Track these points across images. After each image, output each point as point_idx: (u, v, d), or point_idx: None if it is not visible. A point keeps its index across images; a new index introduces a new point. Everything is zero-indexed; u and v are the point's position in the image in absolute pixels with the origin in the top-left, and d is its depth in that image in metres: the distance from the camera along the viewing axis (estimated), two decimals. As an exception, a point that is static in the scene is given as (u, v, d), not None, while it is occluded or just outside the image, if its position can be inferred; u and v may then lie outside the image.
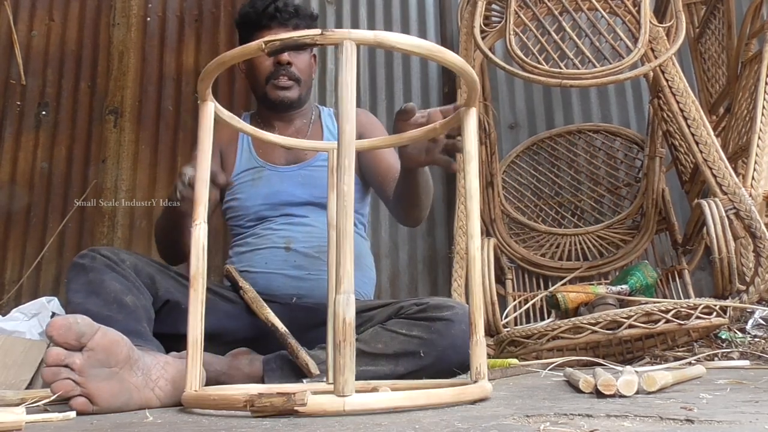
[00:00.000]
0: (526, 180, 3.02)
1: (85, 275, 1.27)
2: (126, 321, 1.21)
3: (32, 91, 3.39)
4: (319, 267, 1.57)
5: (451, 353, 1.31)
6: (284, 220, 1.64)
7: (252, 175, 1.68)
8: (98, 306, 1.22)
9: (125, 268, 1.31)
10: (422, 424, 0.69)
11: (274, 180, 1.66)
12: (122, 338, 0.97)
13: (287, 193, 1.65)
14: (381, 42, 0.84)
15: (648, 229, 2.68)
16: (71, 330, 0.91)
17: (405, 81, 3.25)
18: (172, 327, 1.37)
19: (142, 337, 1.21)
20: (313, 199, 1.64)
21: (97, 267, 1.28)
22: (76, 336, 0.91)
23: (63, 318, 0.92)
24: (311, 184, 1.65)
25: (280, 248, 1.59)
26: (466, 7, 2.61)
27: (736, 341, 1.87)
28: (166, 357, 1.07)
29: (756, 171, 2.02)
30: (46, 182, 3.26)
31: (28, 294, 3.03)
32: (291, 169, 1.68)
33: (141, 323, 1.25)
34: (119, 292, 1.25)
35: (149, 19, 3.47)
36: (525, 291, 2.72)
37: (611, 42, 2.12)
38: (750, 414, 0.69)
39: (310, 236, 1.61)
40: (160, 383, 1.01)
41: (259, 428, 0.70)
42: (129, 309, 1.24)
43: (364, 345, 1.35)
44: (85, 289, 1.25)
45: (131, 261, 1.34)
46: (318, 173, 1.65)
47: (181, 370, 1.03)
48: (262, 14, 1.65)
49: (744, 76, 2.33)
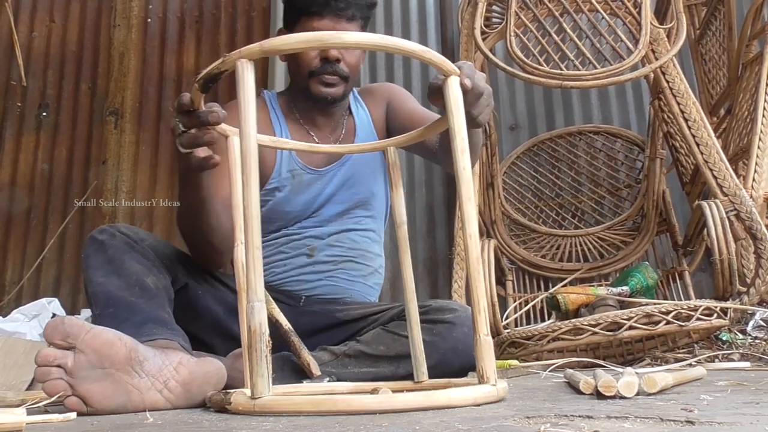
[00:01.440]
0: (527, 181, 3.02)
1: (104, 253, 1.23)
2: (150, 308, 1.18)
3: (33, 92, 3.40)
4: (338, 275, 1.56)
5: (453, 356, 1.30)
6: (312, 222, 1.56)
7: (292, 178, 1.54)
8: (120, 288, 1.18)
9: (145, 247, 1.27)
10: (422, 425, 0.69)
11: (315, 184, 1.55)
12: (119, 338, 0.95)
13: (325, 195, 1.56)
14: (267, 50, 0.85)
15: (648, 231, 2.68)
16: (57, 330, 0.91)
17: (405, 82, 3.25)
18: (188, 311, 1.36)
19: (167, 326, 1.17)
20: (351, 197, 1.57)
21: (116, 245, 1.24)
22: (61, 336, 0.91)
23: (53, 319, 0.93)
24: (351, 182, 1.57)
25: (302, 255, 1.54)
26: (467, 9, 2.61)
27: (737, 343, 1.87)
28: (182, 356, 1.03)
29: (757, 172, 2.01)
30: (47, 183, 3.27)
31: (28, 295, 3.04)
32: (330, 169, 1.57)
33: (165, 308, 1.22)
34: (140, 273, 1.21)
35: (150, 20, 3.48)
36: (525, 292, 2.72)
37: (612, 43, 2.12)
38: (751, 415, 0.69)
39: (331, 244, 1.56)
40: (169, 385, 0.98)
41: (259, 429, 0.70)
42: (152, 292, 1.20)
43: (365, 346, 1.34)
44: (105, 267, 1.21)
45: (150, 241, 1.31)
46: (358, 168, 1.58)
47: (194, 372, 1.01)
48: (314, 0, 1.46)
49: (745, 77, 2.33)
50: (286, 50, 0.88)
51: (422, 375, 1.13)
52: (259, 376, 0.80)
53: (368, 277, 1.63)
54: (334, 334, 1.46)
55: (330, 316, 1.50)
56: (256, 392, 0.80)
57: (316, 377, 1.25)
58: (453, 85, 0.93)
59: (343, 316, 1.50)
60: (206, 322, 1.42)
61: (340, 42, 0.87)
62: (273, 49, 0.86)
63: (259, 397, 0.80)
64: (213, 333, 1.43)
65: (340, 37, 0.87)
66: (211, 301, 1.43)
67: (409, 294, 1.13)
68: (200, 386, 1.01)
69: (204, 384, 1.01)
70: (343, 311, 1.51)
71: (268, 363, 0.80)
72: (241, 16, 3.41)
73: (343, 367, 1.33)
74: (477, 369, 0.88)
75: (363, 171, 1.59)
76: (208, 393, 0.98)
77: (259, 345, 0.80)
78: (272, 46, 0.85)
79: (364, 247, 1.61)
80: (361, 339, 1.37)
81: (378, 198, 1.64)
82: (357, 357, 1.34)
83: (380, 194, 1.64)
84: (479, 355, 0.87)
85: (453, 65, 0.95)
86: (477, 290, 0.89)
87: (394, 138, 1.21)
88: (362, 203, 1.60)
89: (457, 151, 0.92)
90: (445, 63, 0.93)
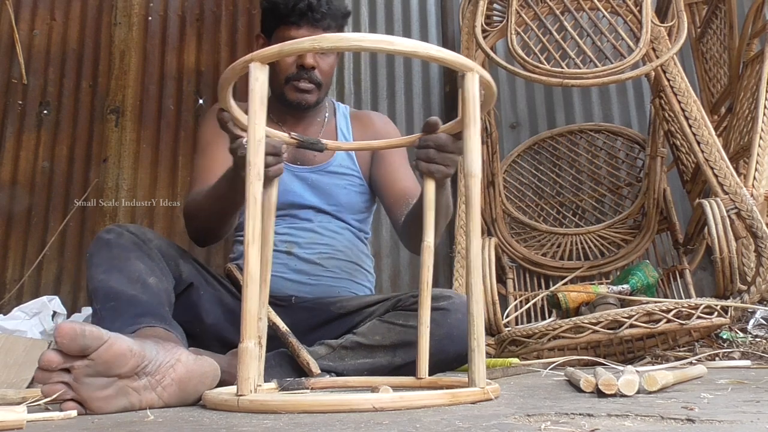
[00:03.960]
0: (528, 179, 3.02)
1: (110, 251, 1.24)
2: (150, 302, 1.19)
3: (34, 90, 3.39)
4: (320, 272, 1.57)
5: (448, 343, 1.31)
6: (288, 222, 1.59)
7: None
8: (122, 284, 1.19)
9: (151, 248, 1.29)
10: (423, 423, 0.69)
11: (283, 179, 1.57)
12: (130, 350, 0.92)
13: (294, 194, 1.60)
14: (286, 52, 0.90)
15: (649, 229, 2.67)
16: (76, 342, 0.87)
17: (406, 80, 3.25)
18: (191, 312, 1.37)
19: (165, 321, 1.18)
20: (321, 205, 1.60)
21: (123, 244, 1.25)
22: (80, 348, 0.88)
23: (71, 326, 0.88)
24: (320, 189, 1.61)
25: (282, 252, 1.57)
26: (468, 7, 2.61)
27: (738, 341, 1.87)
28: (181, 354, 1.02)
29: (757, 171, 2.01)
30: (48, 181, 3.27)
31: (29, 293, 3.03)
32: (300, 169, 1.62)
33: (164, 306, 1.23)
34: (143, 272, 1.23)
35: (150, 18, 3.47)
36: (526, 290, 2.72)
37: (613, 41, 2.12)
38: (751, 414, 0.69)
39: (312, 242, 1.59)
40: (164, 382, 0.97)
41: (260, 427, 0.71)
42: (152, 290, 1.21)
43: (361, 338, 1.35)
44: (108, 264, 1.22)
45: (156, 242, 1.32)
46: (329, 179, 1.62)
47: (191, 371, 1.01)
48: (292, 10, 1.51)
49: (745, 75, 2.33)
50: (309, 50, 0.90)
51: (424, 372, 1.12)
52: (247, 378, 0.84)
53: (355, 274, 1.64)
54: (332, 329, 1.47)
55: (325, 310, 1.51)
56: (242, 390, 0.84)
57: (316, 375, 1.26)
58: (470, 81, 0.96)
59: (338, 309, 1.51)
60: (207, 322, 1.43)
61: (366, 44, 0.89)
62: (292, 51, 0.90)
63: (244, 395, 0.84)
64: (212, 333, 1.44)
65: (360, 40, 0.89)
66: (212, 302, 1.45)
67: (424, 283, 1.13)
68: (195, 386, 1.01)
69: (199, 384, 1.02)
70: (337, 304, 1.51)
71: (261, 362, 0.82)
72: (242, 14, 3.41)
73: (340, 359, 1.34)
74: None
75: (336, 183, 1.63)
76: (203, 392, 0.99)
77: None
78: (291, 49, 0.90)
79: (345, 243, 1.62)
80: (358, 331, 1.38)
81: (348, 210, 1.66)
82: (354, 348, 1.34)
83: (352, 207, 1.66)
84: None
85: None
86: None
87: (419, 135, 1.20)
88: (335, 210, 1.63)
89: (468, 149, 0.96)
90: (458, 59, 0.95)
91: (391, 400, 0.83)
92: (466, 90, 0.96)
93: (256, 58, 0.90)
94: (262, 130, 0.91)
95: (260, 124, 0.91)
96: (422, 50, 0.90)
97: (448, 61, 0.93)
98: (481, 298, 0.94)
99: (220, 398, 0.90)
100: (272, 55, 0.90)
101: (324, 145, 1.18)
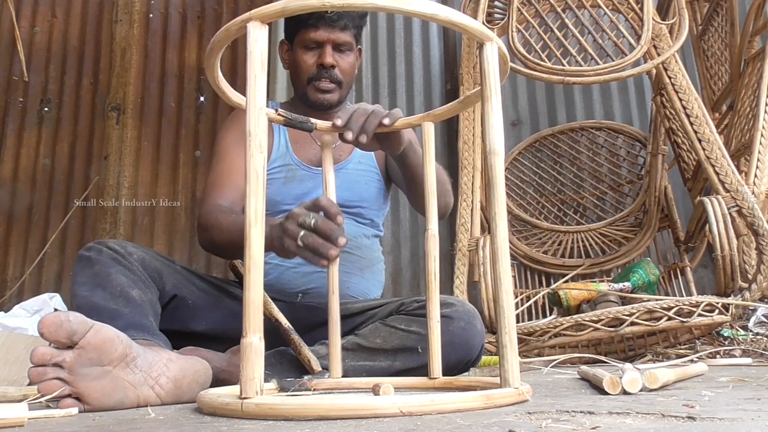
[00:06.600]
0: (529, 177, 3.02)
1: (91, 268, 1.25)
2: (132, 314, 1.19)
3: (34, 87, 3.39)
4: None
5: (449, 350, 1.30)
6: None
7: (285, 172, 1.62)
8: (104, 299, 1.20)
9: (132, 261, 1.29)
10: (423, 421, 0.69)
11: (308, 182, 1.61)
12: (117, 336, 0.94)
13: (317, 194, 1.54)
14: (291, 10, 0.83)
15: (650, 227, 2.67)
16: (62, 328, 0.88)
17: (407, 77, 3.25)
18: (179, 322, 1.37)
19: (148, 331, 1.19)
20: (344, 202, 1.59)
21: (103, 260, 1.26)
22: (67, 334, 0.88)
23: (54, 315, 0.89)
24: (344, 187, 1.59)
25: None
26: (469, 5, 2.60)
27: (739, 339, 1.87)
28: (170, 354, 1.05)
29: (759, 168, 2.01)
30: (49, 179, 3.27)
31: (30, 290, 3.04)
32: (321, 171, 1.62)
33: (147, 317, 1.23)
34: (125, 285, 1.23)
35: (151, 15, 3.47)
36: (527, 288, 2.72)
37: (614, 39, 2.12)
38: (752, 411, 0.69)
39: None
40: (161, 381, 0.99)
41: (261, 425, 0.71)
42: (135, 303, 1.22)
43: (362, 340, 1.35)
44: (91, 281, 1.23)
45: (138, 255, 1.33)
46: (353, 176, 1.63)
47: (184, 368, 1.02)
48: (309, 14, 1.50)
49: (747, 73, 2.32)
50: (319, 8, 0.82)
51: (437, 371, 1.11)
52: (251, 380, 0.79)
53: (365, 270, 1.64)
54: None
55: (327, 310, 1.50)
56: (245, 393, 0.78)
57: (317, 373, 1.26)
58: (488, 51, 0.93)
59: (342, 310, 1.50)
60: (197, 331, 1.43)
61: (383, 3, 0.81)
62: (297, 8, 0.82)
63: (248, 398, 0.77)
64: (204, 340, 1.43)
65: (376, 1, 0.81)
66: (206, 308, 1.44)
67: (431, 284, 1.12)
68: (190, 384, 1.02)
69: (193, 382, 1.02)
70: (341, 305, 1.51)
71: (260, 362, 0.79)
72: (242, 11, 3.40)
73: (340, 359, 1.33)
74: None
75: (357, 180, 1.64)
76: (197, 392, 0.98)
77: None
78: (297, 6, 0.82)
79: (358, 239, 1.62)
80: (360, 333, 1.37)
81: (370, 206, 1.67)
82: (354, 350, 1.34)
83: (373, 203, 1.68)
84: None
85: None
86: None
87: (431, 112, 1.19)
88: (353, 208, 1.63)
89: (489, 124, 0.91)
90: (477, 27, 0.91)
91: (421, 404, 0.75)
92: (485, 60, 0.92)
93: (254, 17, 0.83)
94: (262, 97, 0.83)
95: (260, 90, 0.83)
96: (443, 14, 0.86)
97: (468, 28, 0.89)
98: (511, 288, 0.90)
99: (220, 401, 0.81)
100: (274, 14, 0.83)
101: (313, 125, 1.18)
